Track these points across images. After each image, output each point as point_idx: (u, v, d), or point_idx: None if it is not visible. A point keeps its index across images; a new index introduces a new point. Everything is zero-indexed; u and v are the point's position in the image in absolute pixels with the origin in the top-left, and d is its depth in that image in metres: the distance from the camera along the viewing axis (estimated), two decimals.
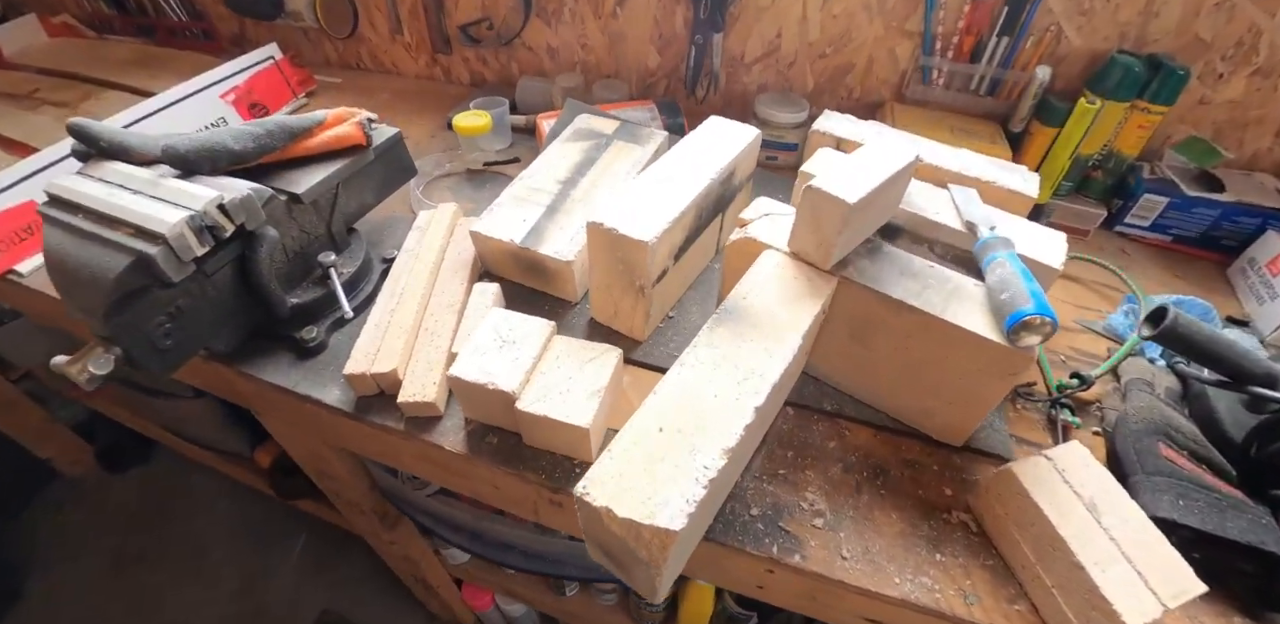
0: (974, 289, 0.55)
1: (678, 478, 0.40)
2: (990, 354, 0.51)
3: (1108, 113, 0.86)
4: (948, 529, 0.56)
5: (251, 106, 1.08)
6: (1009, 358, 0.51)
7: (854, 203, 0.50)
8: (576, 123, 0.88)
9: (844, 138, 0.82)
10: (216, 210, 0.55)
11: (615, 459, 0.42)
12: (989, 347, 0.51)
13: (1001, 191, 0.73)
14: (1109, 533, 0.49)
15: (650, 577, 0.42)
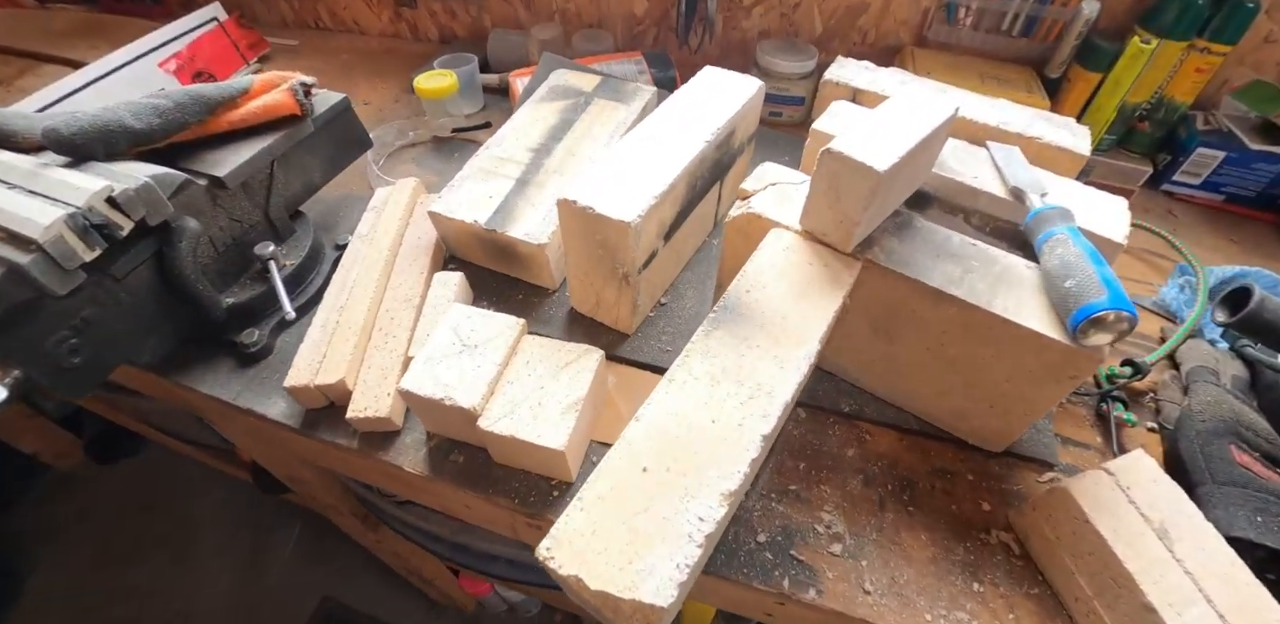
0: (1026, 272, 0.46)
1: (666, 534, 0.32)
2: (1049, 354, 0.43)
3: (1163, 54, 0.74)
4: (986, 552, 0.48)
5: (196, 75, 0.96)
6: (1072, 359, 0.42)
7: (885, 171, 0.41)
8: (552, 80, 0.77)
9: (861, 88, 0.72)
10: (105, 205, 0.46)
11: (586, 510, 0.34)
12: (1049, 345, 0.42)
13: (1049, 149, 0.63)
14: (1183, 565, 0.41)
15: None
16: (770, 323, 0.42)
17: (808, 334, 0.41)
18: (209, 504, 1.55)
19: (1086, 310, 0.40)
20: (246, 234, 0.61)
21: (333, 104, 0.66)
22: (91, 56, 0.95)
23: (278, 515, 1.49)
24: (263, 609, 1.40)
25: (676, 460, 0.35)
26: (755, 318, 0.42)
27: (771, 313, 0.42)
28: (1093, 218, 0.52)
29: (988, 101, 0.68)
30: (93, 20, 1.15)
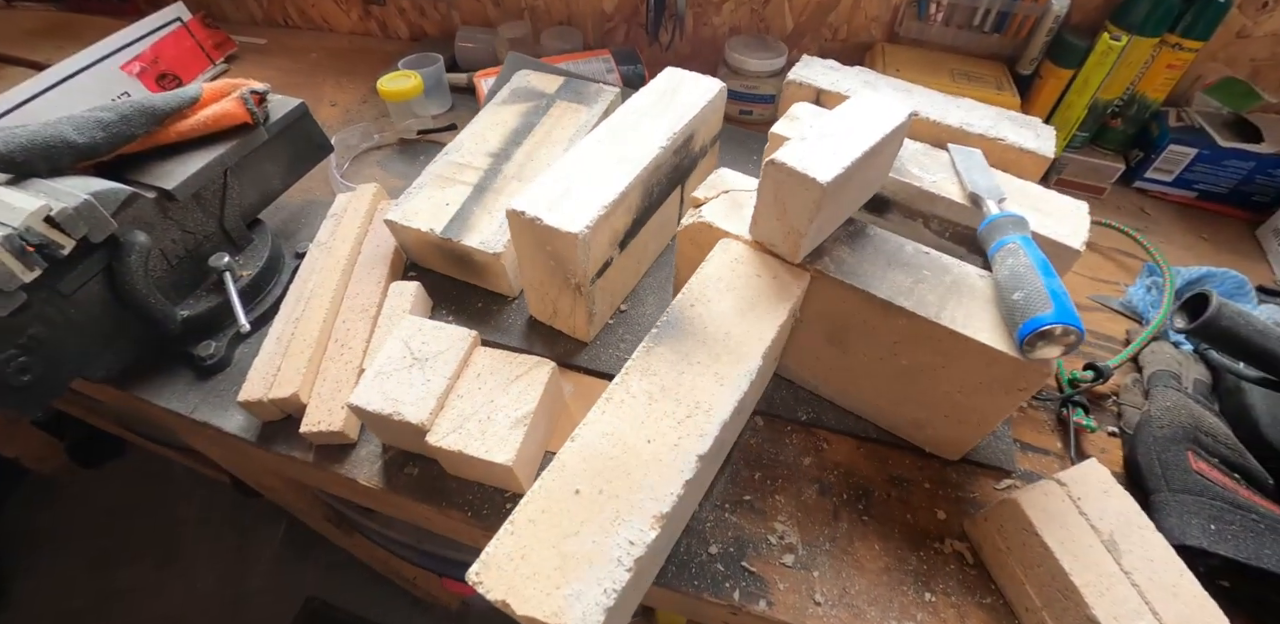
0: (979, 282, 0.46)
1: (596, 558, 0.32)
2: (998, 367, 0.42)
3: (1134, 50, 0.73)
4: (940, 562, 0.48)
5: (160, 77, 0.95)
6: (1021, 372, 0.42)
7: (828, 183, 0.40)
8: (514, 81, 0.76)
9: (825, 89, 0.70)
10: (43, 224, 0.45)
11: (517, 534, 0.33)
12: (997, 358, 0.42)
13: (1012, 151, 0.62)
14: (1131, 577, 0.41)
15: None
16: (713, 339, 0.41)
17: (750, 350, 0.41)
18: (192, 506, 1.55)
19: (1033, 324, 0.39)
20: (201, 245, 0.61)
21: (289, 110, 0.65)
22: (57, 57, 0.94)
23: (261, 516, 1.49)
24: (248, 609, 1.40)
25: (610, 482, 0.35)
26: (698, 333, 0.42)
27: (714, 328, 0.42)
28: (1051, 223, 0.52)
29: (953, 101, 0.67)
30: (59, 20, 1.13)
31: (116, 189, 0.51)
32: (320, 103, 0.93)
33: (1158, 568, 0.41)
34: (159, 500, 1.57)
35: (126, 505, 1.56)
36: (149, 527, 1.53)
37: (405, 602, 1.39)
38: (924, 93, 0.68)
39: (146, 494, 1.58)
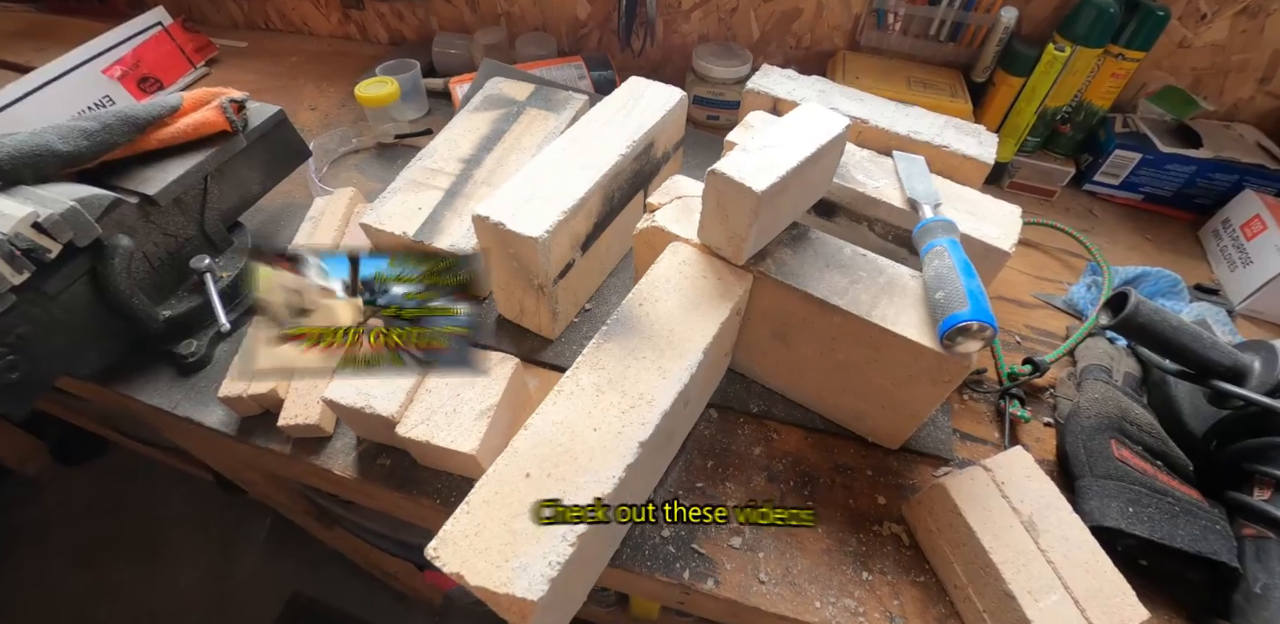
0: (911, 282, 0.49)
1: (540, 535, 0.35)
2: (924, 360, 0.46)
3: (1079, 60, 0.77)
4: (878, 543, 0.51)
5: (142, 81, 0.97)
6: (943, 365, 0.45)
7: (763, 191, 0.43)
8: (487, 88, 0.78)
9: (781, 98, 0.73)
10: (31, 230, 0.47)
11: (472, 513, 0.36)
12: (922, 352, 0.45)
13: (955, 157, 0.66)
14: (1046, 555, 0.44)
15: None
16: (657, 335, 0.44)
17: (692, 346, 0.44)
18: (175, 503, 1.57)
19: (951, 320, 0.43)
20: (182, 248, 0.63)
21: (268, 117, 0.67)
22: (38, 59, 0.96)
23: (245, 512, 1.51)
24: (232, 605, 1.42)
25: (557, 467, 0.38)
26: (644, 330, 0.45)
27: (660, 326, 0.45)
28: (984, 226, 0.55)
29: (903, 110, 0.71)
30: (39, 22, 1.14)
31: (100, 195, 0.53)
32: (299, 106, 0.96)
33: (1072, 546, 0.45)
34: (142, 498, 1.59)
35: (110, 503, 1.58)
36: (133, 524, 1.54)
37: (388, 597, 1.41)
38: (875, 101, 0.71)
39: (130, 492, 1.60)
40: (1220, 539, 0.48)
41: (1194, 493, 0.52)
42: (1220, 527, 0.49)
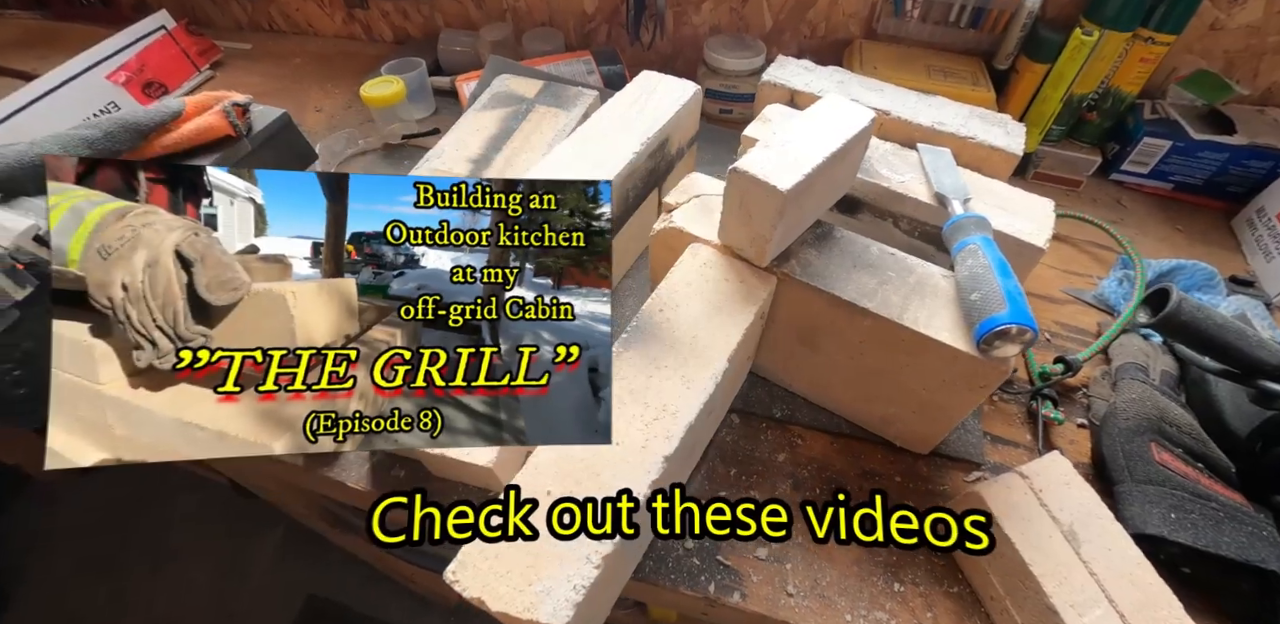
0: (942, 282, 0.47)
1: (564, 557, 0.34)
2: (959, 365, 0.44)
3: (1106, 44, 0.74)
4: (909, 553, 0.50)
5: (146, 86, 0.95)
6: (980, 369, 0.43)
7: (789, 190, 0.41)
8: (494, 86, 0.76)
9: (799, 90, 0.71)
10: (33, 243, 0.46)
11: None
12: (957, 357, 0.43)
13: (982, 149, 0.63)
14: (1089, 567, 0.42)
15: None
16: (680, 343, 0.43)
17: (716, 354, 0.42)
18: (191, 507, 1.58)
19: (989, 323, 0.41)
20: None
21: (272, 120, 0.66)
22: (42, 67, 0.95)
23: (260, 517, 1.51)
24: (248, 609, 1.42)
25: (579, 483, 0.36)
26: (665, 338, 0.43)
27: (682, 333, 0.43)
28: (1017, 221, 0.53)
29: (925, 100, 0.68)
30: (43, 29, 1.13)
31: None
32: (305, 108, 0.94)
33: (1115, 557, 0.43)
34: (158, 502, 1.59)
35: (126, 508, 1.58)
36: (149, 528, 1.55)
37: (405, 599, 1.41)
38: (896, 92, 0.69)
39: (146, 496, 1.60)
40: (1268, 546, 0.46)
41: (1239, 497, 0.50)
42: (1268, 532, 0.47)
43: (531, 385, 0.37)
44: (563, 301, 0.39)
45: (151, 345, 0.34)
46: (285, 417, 0.36)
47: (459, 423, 0.38)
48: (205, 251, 0.36)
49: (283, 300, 0.39)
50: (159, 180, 0.44)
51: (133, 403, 0.36)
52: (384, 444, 0.36)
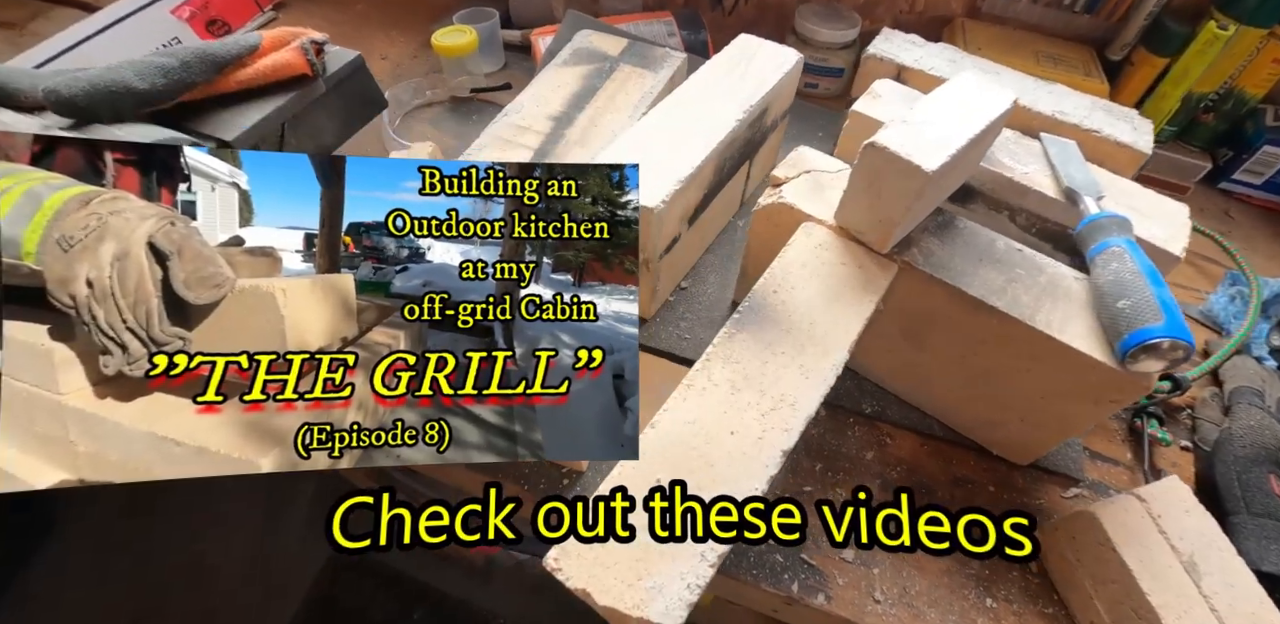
0: (1074, 285, 0.43)
1: (679, 552, 0.31)
2: (1092, 376, 0.40)
3: (1240, 40, 0.68)
4: (1003, 568, 0.47)
5: (210, 23, 0.92)
6: (1117, 383, 0.39)
7: (934, 171, 0.38)
8: (576, 41, 0.72)
9: (908, 66, 0.67)
10: None
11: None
12: (1093, 367, 0.40)
13: (1106, 143, 0.59)
14: (1210, 602, 0.39)
15: None
16: (797, 328, 0.39)
17: (836, 343, 0.39)
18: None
19: (1140, 335, 0.37)
20: None
21: (346, 62, 0.62)
22: None
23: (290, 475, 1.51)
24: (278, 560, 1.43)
25: (691, 473, 0.33)
26: (781, 322, 0.40)
27: (799, 317, 0.40)
28: (1149, 225, 0.49)
29: (1044, 86, 0.64)
30: None
31: (178, 138, 0.49)
32: (371, 56, 0.89)
33: (1238, 594, 0.40)
34: None
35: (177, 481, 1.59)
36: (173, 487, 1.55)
37: (430, 556, 1.41)
38: (1013, 76, 0.65)
39: None
40: None
41: None
42: None
43: (549, 394, 0.34)
44: (584, 300, 0.36)
45: (121, 349, 0.30)
46: (274, 429, 0.32)
47: (469, 436, 0.36)
48: (182, 243, 0.32)
49: (271, 299, 0.35)
50: (129, 161, 0.39)
51: (99, 415, 0.32)
52: (385, 460, 0.33)
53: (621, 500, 0.32)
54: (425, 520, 0.31)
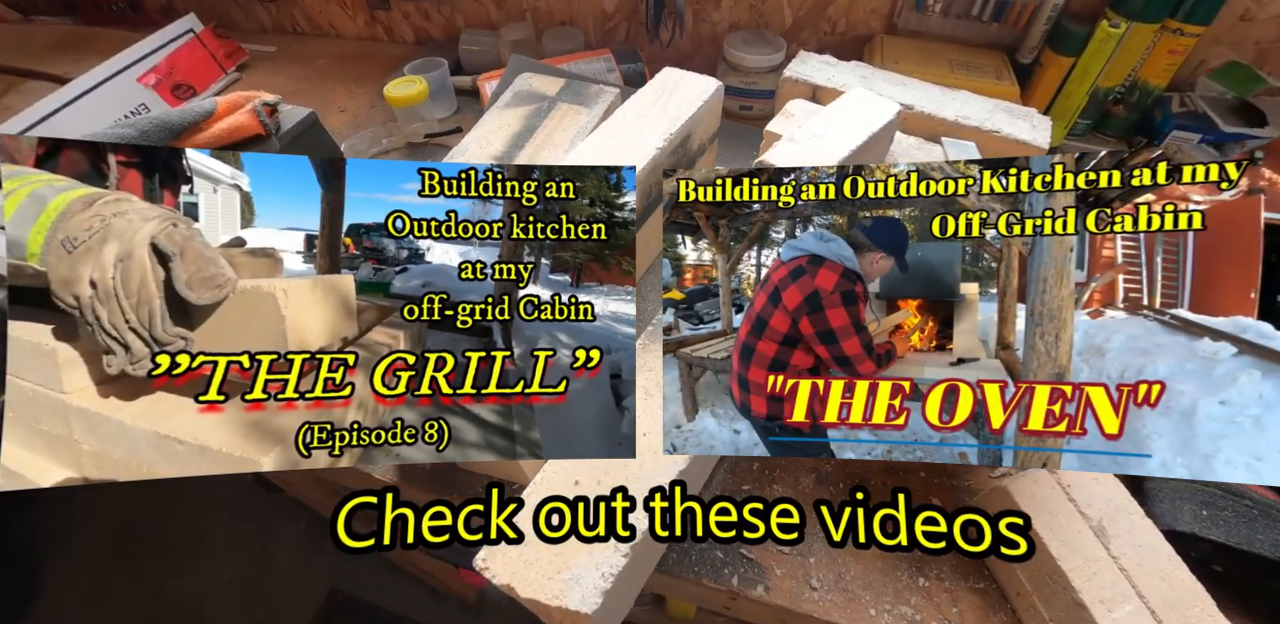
0: None
1: (592, 546, 0.34)
2: None
3: (1133, 36, 0.73)
4: None
5: (175, 88, 0.97)
6: None
7: None
8: (516, 84, 0.77)
9: (821, 85, 0.71)
10: None
11: None
12: None
13: (1008, 143, 0.63)
14: (1119, 563, 0.42)
15: None
16: None
17: None
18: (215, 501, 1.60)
19: None
20: None
21: (299, 120, 0.67)
22: (75, 70, 0.97)
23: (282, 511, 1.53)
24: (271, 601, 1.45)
25: (606, 474, 0.37)
26: None
27: None
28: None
29: (948, 94, 0.68)
30: (75, 33, 1.16)
31: None
32: (329, 108, 0.96)
33: (1146, 553, 0.42)
34: (183, 495, 1.62)
35: (152, 501, 1.61)
36: (174, 521, 1.58)
37: (423, 593, 1.43)
38: (920, 86, 0.69)
39: (171, 489, 1.63)
40: None
41: (1273, 495, 0.49)
42: None
43: (548, 393, 0.35)
44: (582, 301, 0.36)
45: (124, 349, 0.31)
46: (275, 428, 0.33)
47: (468, 434, 0.36)
48: (185, 244, 0.32)
49: (272, 299, 0.36)
50: (132, 164, 0.40)
51: (102, 414, 0.33)
52: (385, 459, 0.34)
53: (623, 500, 0.33)
54: (429, 520, 0.32)
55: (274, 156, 0.40)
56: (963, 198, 0.38)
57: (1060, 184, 0.38)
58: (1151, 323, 0.55)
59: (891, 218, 0.48)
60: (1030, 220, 0.38)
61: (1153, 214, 0.38)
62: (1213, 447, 0.48)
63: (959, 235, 0.39)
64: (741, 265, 0.71)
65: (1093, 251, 0.55)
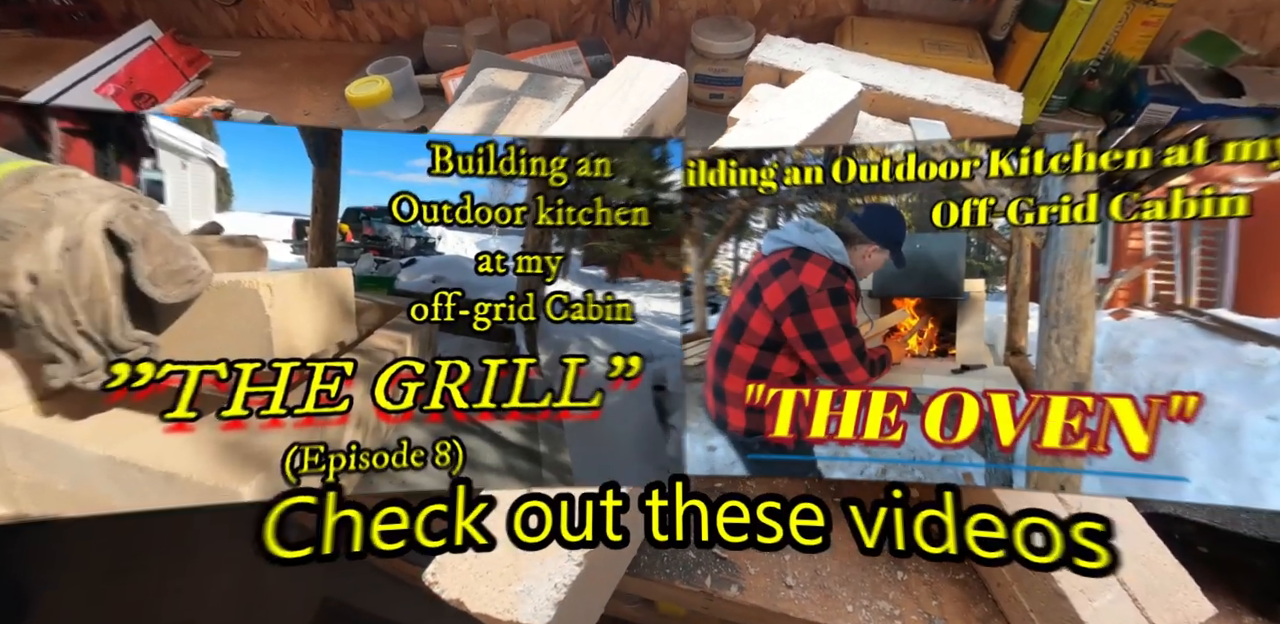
0: None
1: (545, 556, 0.33)
2: None
3: (1106, 9, 0.71)
4: None
5: (136, 97, 0.96)
6: None
7: None
8: (478, 80, 0.75)
9: (787, 69, 0.70)
10: None
11: None
12: None
13: (979, 121, 0.62)
14: None
15: None
16: None
17: None
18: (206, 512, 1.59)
19: None
20: None
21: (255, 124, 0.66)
22: (34, 83, 0.95)
23: None
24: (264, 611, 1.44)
25: None
26: None
27: None
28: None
29: (918, 73, 0.66)
30: (35, 45, 1.14)
31: None
32: (294, 112, 0.94)
33: (1128, 539, 0.41)
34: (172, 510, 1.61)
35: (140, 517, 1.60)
36: (165, 532, 1.57)
37: (419, 602, 1.42)
38: (889, 66, 0.67)
39: None
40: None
41: None
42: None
43: (579, 408, 0.31)
44: (620, 299, 0.32)
45: (72, 357, 0.26)
46: (258, 451, 0.29)
47: (485, 457, 0.32)
48: (148, 231, 0.27)
49: (254, 296, 0.31)
50: (80, 132, 0.33)
51: (43, 437, 0.27)
52: (389, 486, 0.29)
53: (614, 499, 0.29)
54: (379, 524, 0.27)
55: (256, 126, 0.33)
56: (967, 182, 0.35)
57: (1080, 165, 0.33)
58: (1187, 325, 0.49)
59: (886, 205, 0.44)
60: (1045, 207, 0.34)
61: (1188, 199, 0.34)
62: (1261, 469, 0.42)
63: (963, 225, 0.35)
64: (717, 259, 0.68)
65: (1117, 243, 0.49)
